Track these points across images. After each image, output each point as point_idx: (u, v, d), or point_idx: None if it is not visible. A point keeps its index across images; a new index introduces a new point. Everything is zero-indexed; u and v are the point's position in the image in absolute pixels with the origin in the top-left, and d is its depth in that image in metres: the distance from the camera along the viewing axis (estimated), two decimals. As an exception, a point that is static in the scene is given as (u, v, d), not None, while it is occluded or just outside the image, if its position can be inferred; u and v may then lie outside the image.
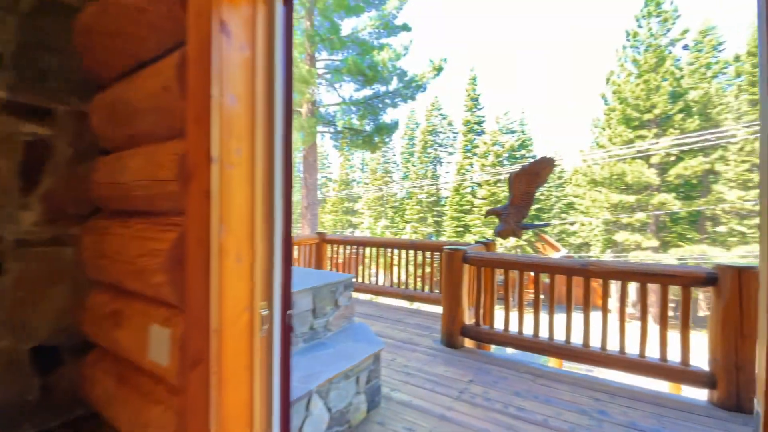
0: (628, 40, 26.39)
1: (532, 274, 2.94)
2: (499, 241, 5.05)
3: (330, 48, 13.06)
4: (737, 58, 26.28)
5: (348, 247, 5.04)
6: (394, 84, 13.22)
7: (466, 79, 35.20)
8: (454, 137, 42.67)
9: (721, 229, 24.21)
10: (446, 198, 37.21)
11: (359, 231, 48.26)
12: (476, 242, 4.05)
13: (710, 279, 2.13)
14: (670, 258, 22.78)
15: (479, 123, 35.60)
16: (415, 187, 39.06)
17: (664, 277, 2.33)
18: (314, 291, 2.25)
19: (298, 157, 13.61)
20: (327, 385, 1.95)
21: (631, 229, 24.98)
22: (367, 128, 13.66)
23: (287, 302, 1.19)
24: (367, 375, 2.30)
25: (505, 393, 2.50)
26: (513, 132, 34.75)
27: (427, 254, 4.30)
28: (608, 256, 27.41)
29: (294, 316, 2.08)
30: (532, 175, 3.61)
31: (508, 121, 33.36)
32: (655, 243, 23.18)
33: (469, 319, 3.18)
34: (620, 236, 24.33)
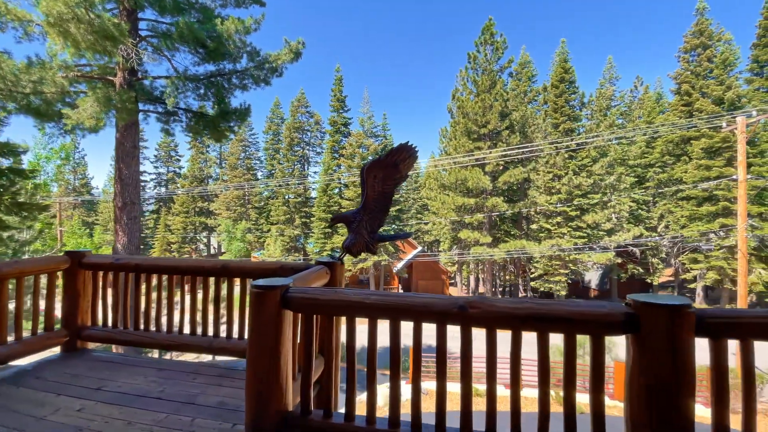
0: (469, 62, 30.05)
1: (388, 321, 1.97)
2: (350, 258, 3.88)
3: (159, 8, 10.22)
4: (545, 88, 32.88)
5: (124, 274, 3.31)
6: (244, 62, 11.26)
7: (332, 79, 34.63)
8: (322, 137, 41.75)
9: (534, 226, 29.81)
10: (314, 198, 35.93)
11: (214, 236, 42.51)
12: (317, 262, 2.97)
13: (629, 323, 1.49)
14: (500, 252, 26.75)
15: (346, 124, 35.55)
16: (281, 185, 36.47)
17: (567, 323, 1.61)
18: None
19: (109, 140, 10.16)
20: None
21: (471, 227, 28.51)
22: (210, 112, 11.28)
23: None
24: None
25: None
26: (377, 136, 35.85)
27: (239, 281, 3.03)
28: (454, 252, 30.78)
29: None
30: (390, 168, 2.69)
31: (373, 125, 34.21)
32: (489, 239, 26.95)
33: (293, 400, 2.02)
34: (463, 234, 27.47)
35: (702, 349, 1.47)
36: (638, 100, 39.21)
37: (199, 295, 3.43)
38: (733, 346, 1.58)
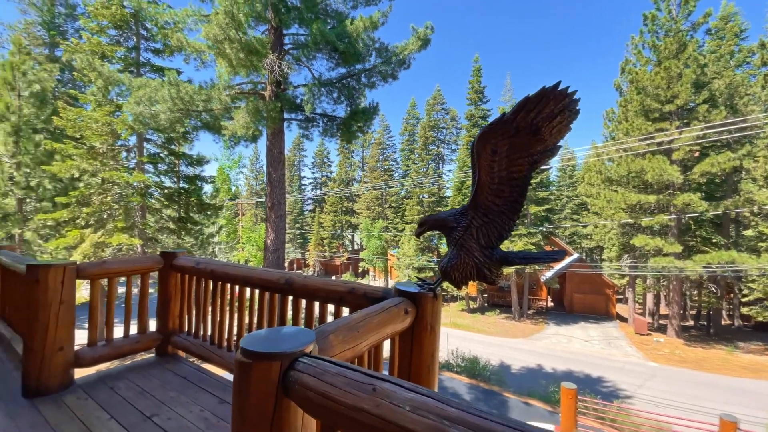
0: (645, 24, 23.89)
1: None
2: (452, 290, 2.15)
3: (299, 21, 10.93)
4: (763, 45, 23.55)
5: (203, 280, 2.94)
6: (372, 60, 11.04)
7: (470, 70, 32.86)
8: (458, 133, 40.46)
9: (749, 233, 21.63)
10: (449, 198, 34.97)
11: (357, 233, 46.24)
12: (397, 291, 1.87)
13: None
14: (695, 265, 20.26)
15: (484, 117, 33.28)
16: (416, 185, 36.86)
17: None
18: None
19: (261, 148, 11.60)
20: None
21: (651, 232, 22.46)
22: (342, 114, 11.52)
23: None
24: None
25: None
26: (519, 127, 32.36)
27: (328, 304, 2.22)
28: (624, 262, 24.91)
29: None
30: (522, 135, 1.34)
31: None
32: (677, 248, 20.62)
33: None
34: (638, 240, 21.79)
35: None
36: None
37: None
38: None
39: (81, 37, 12.88)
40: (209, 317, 3.04)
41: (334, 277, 38.77)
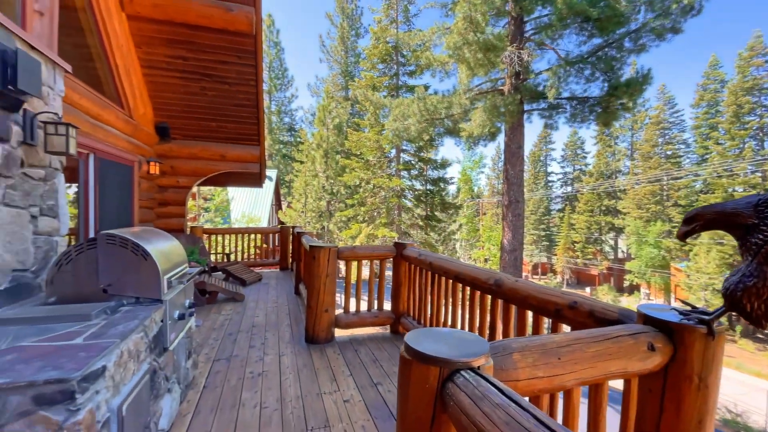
0: None
1: None
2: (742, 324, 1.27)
3: (541, 2, 10.10)
4: None
5: (423, 270, 3.00)
6: (641, 19, 8.65)
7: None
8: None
9: None
10: (788, 190, 23.10)
11: (622, 237, 37.97)
12: (644, 317, 1.24)
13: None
14: None
15: None
16: (720, 174, 26.60)
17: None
18: None
19: (496, 144, 11.34)
20: None
21: None
22: (595, 93, 9.68)
23: None
24: None
25: None
26: None
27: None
28: None
29: None
30: None
31: None
32: None
33: None
34: None
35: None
36: None
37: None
38: None
39: (361, 77, 17.18)
40: (428, 306, 3.18)
41: (588, 289, 33.38)
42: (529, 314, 1.99)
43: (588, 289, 33.65)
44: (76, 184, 3.71)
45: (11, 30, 1.89)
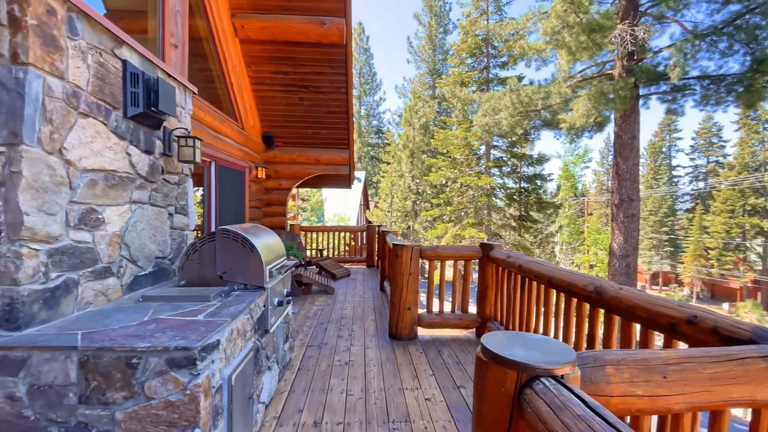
0: None
1: None
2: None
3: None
4: None
5: (512, 273, 2.78)
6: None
7: None
8: None
9: None
10: None
11: (777, 242, 30.44)
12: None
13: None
14: None
15: None
16: None
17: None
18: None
19: (605, 135, 9.96)
20: None
21: None
22: (734, 69, 7.94)
23: None
24: None
25: None
26: None
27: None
28: None
29: None
30: None
31: None
32: None
33: None
34: None
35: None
36: None
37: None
38: None
39: (449, 73, 16.84)
40: (516, 311, 2.99)
41: (725, 305, 27.40)
42: (637, 328, 1.74)
43: (726, 306, 27.71)
44: (201, 188, 4.41)
45: (155, 63, 2.35)
